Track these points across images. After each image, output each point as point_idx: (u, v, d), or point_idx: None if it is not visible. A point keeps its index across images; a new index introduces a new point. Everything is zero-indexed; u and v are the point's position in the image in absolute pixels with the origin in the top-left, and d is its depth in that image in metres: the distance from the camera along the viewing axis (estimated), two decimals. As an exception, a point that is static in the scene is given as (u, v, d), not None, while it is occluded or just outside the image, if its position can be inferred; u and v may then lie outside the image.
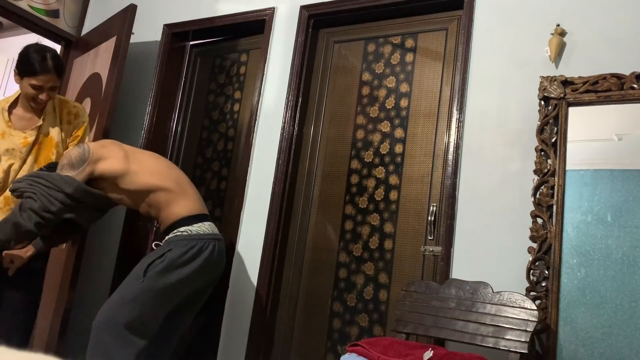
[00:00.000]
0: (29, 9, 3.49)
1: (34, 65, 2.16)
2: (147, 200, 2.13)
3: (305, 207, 2.69)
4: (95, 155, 2.11)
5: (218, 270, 2.20)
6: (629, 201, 1.84)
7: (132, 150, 2.24)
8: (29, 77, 2.17)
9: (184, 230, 2.06)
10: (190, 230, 2.06)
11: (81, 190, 2.05)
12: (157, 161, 2.25)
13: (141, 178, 2.12)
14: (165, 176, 2.16)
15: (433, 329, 1.89)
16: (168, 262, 1.99)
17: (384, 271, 2.40)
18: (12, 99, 2.30)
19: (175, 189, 2.14)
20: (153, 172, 2.15)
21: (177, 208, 2.11)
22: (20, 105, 2.29)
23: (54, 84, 2.23)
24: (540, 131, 2.03)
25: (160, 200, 2.12)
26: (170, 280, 2.00)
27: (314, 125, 2.77)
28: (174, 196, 2.12)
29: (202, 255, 2.04)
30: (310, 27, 2.82)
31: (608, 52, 2.00)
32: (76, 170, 2.07)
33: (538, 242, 1.94)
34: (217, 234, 2.15)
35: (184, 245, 2.02)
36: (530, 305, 1.76)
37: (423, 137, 2.45)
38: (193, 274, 2.04)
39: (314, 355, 2.49)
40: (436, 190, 2.35)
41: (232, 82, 3.17)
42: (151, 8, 3.39)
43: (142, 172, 2.13)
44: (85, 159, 2.09)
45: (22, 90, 2.23)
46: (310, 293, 2.58)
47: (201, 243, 2.05)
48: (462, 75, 2.27)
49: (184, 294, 2.11)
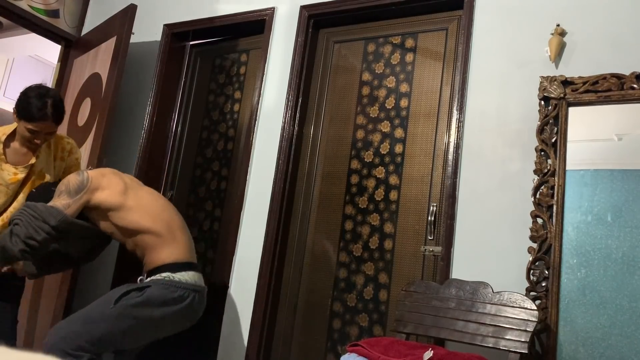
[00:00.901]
0: (29, 9, 3.49)
1: (32, 111, 2.08)
2: (134, 240, 2.06)
3: (305, 207, 2.69)
4: (93, 184, 2.06)
5: (190, 323, 2.10)
6: (629, 201, 1.84)
7: (131, 184, 2.17)
8: (26, 122, 2.10)
9: (166, 276, 1.98)
10: (173, 276, 1.98)
11: (66, 223, 1.99)
12: (154, 200, 2.16)
13: (133, 216, 2.04)
14: (158, 219, 2.07)
15: (433, 329, 1.89)
16: (144, 299, 1.92)
17: (384, 271, 2.40)
18: (9, 130, 2.21)
19: (165, 233, 2.05)
20: (147, 212, 2.07)
21: (162, 254, 2.02)
22: (17, 140, 2.20)
23: (50, 131, 2.16)
24: (540, 131, 2.03)
25: (148, 243, 2.04)
26: (140, 317, 1.92)
27: (314, 125, 2.77)
28: (161, 241, 2.03)
29: (179, 304, 1.96)
30: (310, 27, 2.82)
31: (608, 52, 2.00)
32: (73, 198, 2.02)
33: (538, 242, 1.94)
34: (199, 286, 2.05)
35: (164, 288, 1.95)
36: (530, 305, 1.76)
37: (423, 137, 2.45)
38: (164, 320, 1.97)
39: (314, 355, 2.49)
40: (436, 190, 2.35)
41: (232, 82, 3.17)
42: (151, 8, 3.40)
43: (136, 209, 2.06)
44: (83, 187, 2.04)
45: (19, 131, 2.17)
46: (310, 293, 2.58)
47: (182, 292, 1.97)
48: (462, 75, 2.27)
49: (148, 336, 2.03)
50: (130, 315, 1.92)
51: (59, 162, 2.34)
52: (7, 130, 2.21)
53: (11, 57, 5.56)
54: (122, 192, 2.08)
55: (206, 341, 2.75)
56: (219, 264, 2.89)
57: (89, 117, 3.09)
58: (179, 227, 2.12)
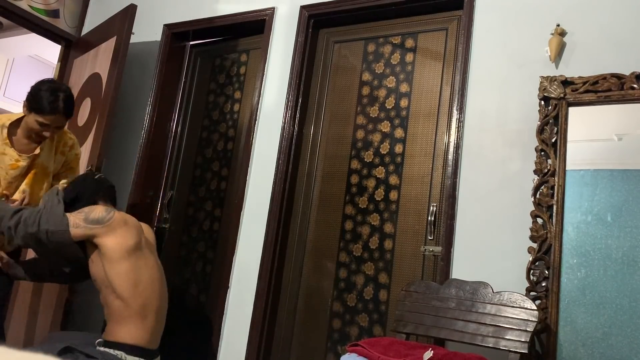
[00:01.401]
0: (29, 9, 3.49)
1: (44, 105, 2.09)
2: (105, 296, 1.93)
3: (305, 207, 2.69)
4: (111, 226, 1.94)
5: None
6: (629, 201, 1.84)
7: (144, 246, 2.04)
8: (36, 114, 2.10)
9: (119, 354, 1.84)
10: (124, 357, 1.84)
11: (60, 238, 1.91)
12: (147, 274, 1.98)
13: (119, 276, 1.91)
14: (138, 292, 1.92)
15: (433, 329, 1.89)
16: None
17: (384, 271, 2.40)
18: (15, 118, 2.21)
19: (137, 309, 1.90)
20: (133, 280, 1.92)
21: (122, 331, 1.88)
22: (21, 128, 2.21)
23: (60, 124, 2.18)
24: (540, 131, 2.03)
25: (115, 309, 1.90)
26: None
27: (314, 125, 2.77)
28: (128, 315, 1.89)
29: None
30: (310, 27, 2.82)
31: (608, 52, 2.00)
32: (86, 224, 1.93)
33: (538, 242, 1.94)
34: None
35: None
36: (530, 305, 1.75)
37: (423, 137, 2.45)
38: None
39: (314, 355, 2.49)
40: (436, 190, 2.35)
41: (232, 82, 3.17)
42: (151, 8, 3.40)
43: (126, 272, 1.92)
44: (101, 222, 1.94)
45: (28, 124, 2.16)
46: (310, 293, 2.58)
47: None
48: (462, 75, 2.27)
49: None
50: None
51: (60, 156, 2.35)
52: (13, 117, 2.22)
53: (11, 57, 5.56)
54: (130, 249, 1.95)
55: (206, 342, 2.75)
56: (219, 264, 2.89)
57: (89, 117, 3.09)
58: (155, 310, 1.96)
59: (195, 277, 3.00)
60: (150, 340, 1.94)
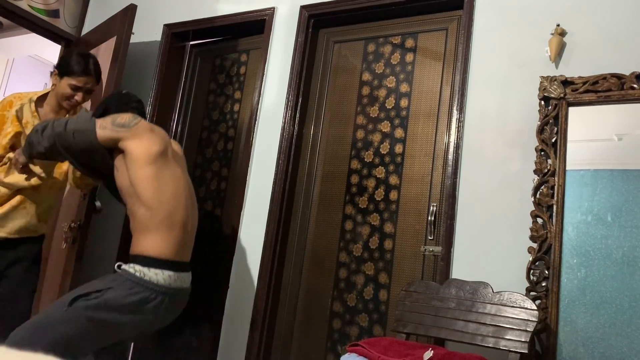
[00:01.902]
0: (29, 9, 3.49)
1: (76, 67, 2.24)
2: (131, 206, 1.90)
3: (305, 207, 2.69)
4: (137, 130, 1.92)
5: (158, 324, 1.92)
6: (629, 201, 1.84)
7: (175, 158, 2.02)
8: (69, 77, 2.24)
9: (138, 271, 1.78)
10: (144, 273, 1.78)
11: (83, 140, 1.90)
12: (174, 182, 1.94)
13: (144, 181, 1.86)
14: (165, 200, 1.87)
15: (433, 329, 1.89)
16: (102, 301, 1.74)
17: (384, 271, 2.40)
18: (41, 93, 2.33)
19: (162, 219, 1.84)
20: (158, 186, 1.87)
21: (148, 241, 1.83)
22: (47, 103, 2.33)
23: (91, 87, 2.29)
24: (540, 131, 2.03)
25: (140, 218, 1.86)
26: (96, 319, 1.74)
27: (314, 125, 2.77)
28: (153, 225, 1.84)
29: (141, 308, 1.77)
30: (310, 27, 2.82)
31: (608, 52, 2.00)
32: (112, 126, 1.93)
33: (538, 242, 1.94)
34: (173, 287, 1.83)
35: (127, 288, 1.76)
36: (531, 305, 1.76)
37: (423, 137, 2.45)
38: (124, 326, 1.79)
39: (314, 355, 2.49)
40: (436, 190, 2.35)
41: (232, 82, 3.17)
42: (151, 8, 3.40)
43: (151, 177, 1.87)
44: (127, 125, 1.92)
45: (59, 90, 2.27)
46: (310, 293, 2.58)
47: (146, 293, 1.76)
48: (462, 75, 2.27)
49: (107, 339, 1.87)
50: (83, 317, 1.74)
51: None
52: (39, 93, 2.34)
53: (11, 57, 5.56)
54: (154, 155, 1.90)
55: (206, 342, 2.75)
56: (219, 264, 2.88)
57: (89, 117, 3.09)
58: (182, 222, 1.90)
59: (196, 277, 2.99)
60: (178, 251, 1.88)
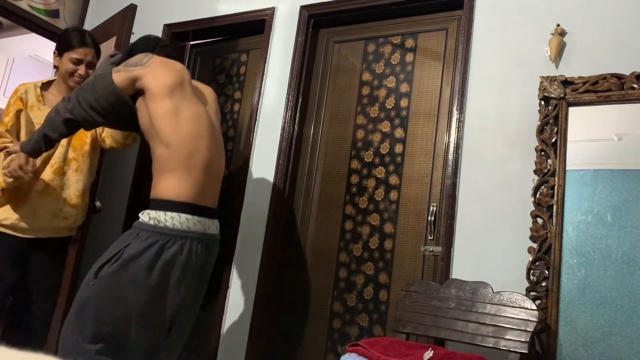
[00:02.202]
0: (29, 9, 3.49)
1: (74, 40, 2.31)
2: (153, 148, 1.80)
3: (305, 207, 2.69)
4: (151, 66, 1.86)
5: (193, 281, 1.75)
6: (629, 201, 1.84)
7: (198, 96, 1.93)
8: (68, 52, 2.30)
9: (152, 218, 1.66)
10: (159, 219, 1.66)
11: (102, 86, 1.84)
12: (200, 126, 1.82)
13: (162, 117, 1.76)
14: (185, 139, 1.76)
15: (433, 329, 1.89)
16: (122, 262, 1.62)
17: (384, 271, 2.40)
18: (46, 80, 2.40)
19: (182, 159, 1.73)
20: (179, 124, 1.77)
21: (167, 182, 1.71)
22: (53, 88, 2.38)
23: (91, 59, 2.35)
24: (540, 131, 2.03)
25: (159, 157, 1.75)
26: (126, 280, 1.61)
27: (314, 125, 2.77)
28: (172, 166, 1.72)
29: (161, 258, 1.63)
30: (310, 27, 2.82)
31: (608, 52, 2.00)
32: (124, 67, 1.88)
33: (538, 242, 1.94)
34: (192, 231, 1.70)
35: (143, 239, 1.64)
36: (530, 305, 1.76)
37: (423, 137, 2.45)
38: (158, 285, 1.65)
39: (314, 355, 2.49)
40: (436, 190, 2.35)
41: (232, 82, 3.17)
42: (151, 8, 3.40)
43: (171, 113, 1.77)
44: (139, 63, 1.88)
45: (62, 69, 2.33)
46: (310, 293, 2.58)
47: (164, 240, 1.64)
48: (462, 75, 2.27)
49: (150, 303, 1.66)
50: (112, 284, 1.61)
51: None
52: (44, 80, 2.41)
53: (11, 57, 5.56)
54: (170, 87, 1.82)
55: (206, 342, 2.75)
56: (219, 264, 2.88)
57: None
58: (203, 164, 1.77)
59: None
60: (200, 194, 1.75)
